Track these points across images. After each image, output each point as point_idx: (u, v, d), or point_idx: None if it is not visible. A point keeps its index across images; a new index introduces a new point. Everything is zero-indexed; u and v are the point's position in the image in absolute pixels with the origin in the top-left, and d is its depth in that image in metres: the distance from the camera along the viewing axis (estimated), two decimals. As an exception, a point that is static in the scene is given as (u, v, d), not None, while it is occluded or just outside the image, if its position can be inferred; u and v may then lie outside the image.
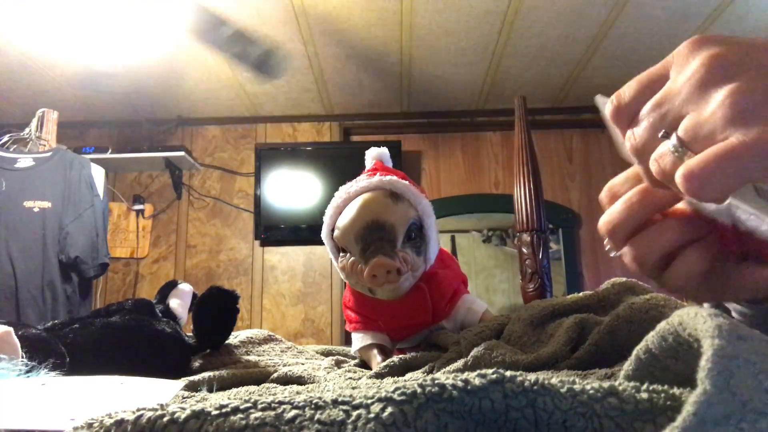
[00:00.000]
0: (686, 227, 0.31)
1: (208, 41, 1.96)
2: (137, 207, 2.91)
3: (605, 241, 0.34)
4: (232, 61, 2.11)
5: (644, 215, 0.32)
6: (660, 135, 0.28)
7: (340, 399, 0.24)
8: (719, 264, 0.31)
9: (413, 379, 0.24)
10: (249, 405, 0.24)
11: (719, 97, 0.25)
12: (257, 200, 2.82)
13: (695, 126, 0.26)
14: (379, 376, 0.59)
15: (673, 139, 0.27)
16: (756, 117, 0.24)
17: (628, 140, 0.29)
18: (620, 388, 0.23)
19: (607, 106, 0.31)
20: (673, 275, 0.31)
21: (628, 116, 0.30)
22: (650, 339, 0.25)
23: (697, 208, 0.31)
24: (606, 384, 0.23)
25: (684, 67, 0.27)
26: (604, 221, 0.33)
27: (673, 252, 0.31)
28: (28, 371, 0.55)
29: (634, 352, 0.26)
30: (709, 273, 0.31)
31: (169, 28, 2.15)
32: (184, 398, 0.52)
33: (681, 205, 0.32)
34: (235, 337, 0.91)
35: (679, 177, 0.25)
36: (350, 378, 0.60)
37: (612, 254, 0.34)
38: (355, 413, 0.23)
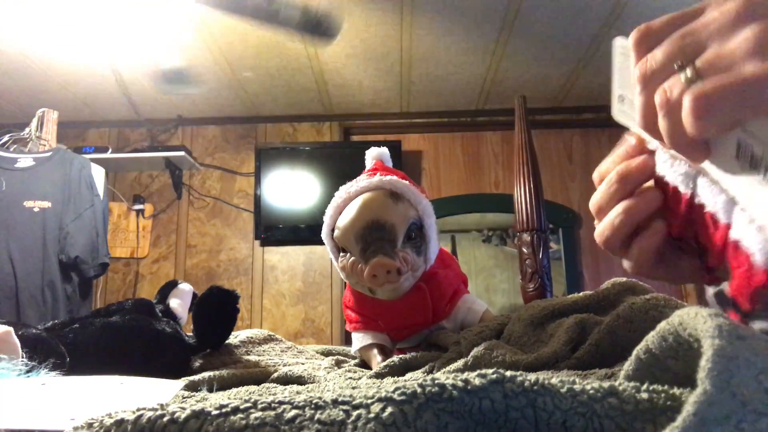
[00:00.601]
0: (648, 205, 0.32)
1: (235, 12, 1.78)
2: (137, 207, 2.91)
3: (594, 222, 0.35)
4: (277, 30, 1.88)
5: (621, 196, 0.33)
6: (676, 65, 0.27)
7: (340, 399, 0.24)
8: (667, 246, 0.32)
9: (413, 379, 0.24)
10: (249, 405, 0.24)
11: (746, 32, 0.25)
12: (257, 200, 2.82)
13: (715, 57, 0.26)
14: (379, 376, 0.59)
15: (689, 70, 0.26)
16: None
17: (641, 65, 0.29)
18: (620, 388, 0.23)
19: (632, 35, 0.30)
20: (631, 253, 0.33)
21: (650, 45, 0.29)
22: (650, 339, 0.25)
23: (664, 174, 0.32)
24: (606, 384, 0.23)
25: (720, 5, 0.27)
26: (591, 203, 0.35)
27: (637, 230, 0.32)
28: (28, 371, 0.55)
29: (634, 352, 0.26)
30: (662, 253, 0.32)
31: (169, 28, 2.15)
32: (184, 398, 0.52)
33: (648, 184, 0.33)
34: (235, 337, 0.91)
35: (688, 98, 0.25)
36: (350, 378, 0.60)
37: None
38: (355, 413, 0.23)
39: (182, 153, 2.77)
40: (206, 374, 0.65)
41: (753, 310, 0.29)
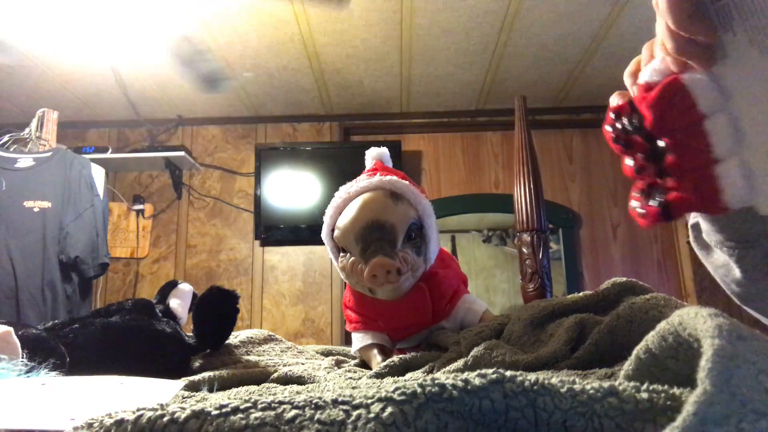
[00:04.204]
0: None
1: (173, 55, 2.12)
2: (137, 207, 2.91)
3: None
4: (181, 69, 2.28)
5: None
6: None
7: (340, 399, 0.24)
8: None
9: (413, 379, 0.24)
10: (249, 405, 0.24)
11: None
12: (257, 200, 2.82)
13: None
14: (379, 376, 0.59)
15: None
16: None
17: None
18: (620, 388, 0.23)
19: None
20: None
21: None
22: (650, 339, 0.25)
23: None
24: (606, 384, 0.23)
25: None
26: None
27: None
28: (28, 371, 0.55)
29: (634, 352, 0.26)
30: None
31: (169, 28, 2.15)
32: (184, 398, 0.52)
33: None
34: (235, 337, 0.91)
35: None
36: (350, 378, 0.60)
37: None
38: (355, 413, 0.23)
39: (182, 153, 2.77)
40: (206, 374, 0.65)
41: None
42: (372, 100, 2.86)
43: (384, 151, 0.83)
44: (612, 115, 0.35)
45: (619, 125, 0.34)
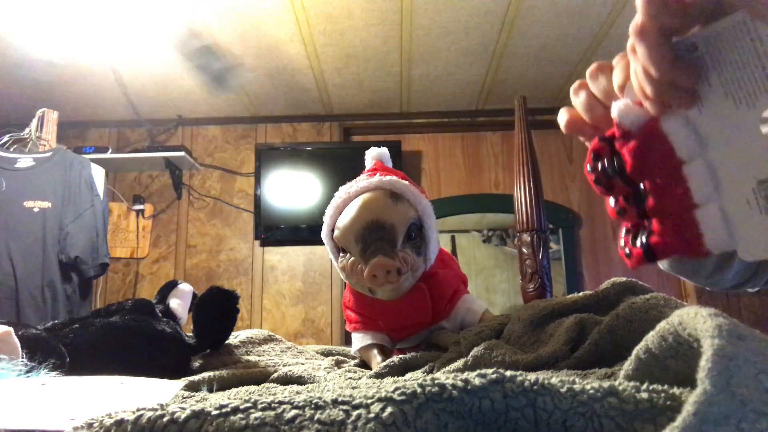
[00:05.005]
0: None
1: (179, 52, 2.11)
2: (137, 207, 2.91)
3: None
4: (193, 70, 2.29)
5: None
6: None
7: (340, 399, 0.24)
8: None
9: (413, 379, 0.24)
10: (249, 405, 0.24)
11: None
12: (257, 200, 2.81)
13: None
14: (379, 376, 0.59)
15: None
16: None
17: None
18: (620, 387, 0.23)
19: None
20: None
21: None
22: (650, 339, 0.25)
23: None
24: (606, 384, 0.23)
25: None
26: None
27: None
28: (28, 371, 0.55)
29: (634, 351, 0.26)
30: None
31: (169, 28, 2.15)
32: (184, 398, 0.52)
33: None
34: (235, 337, 0.91)
35: (630, 30, 0.30)
36: (350, 378, 0.60)
37: None
38: (355, 413, 0.23)
39: (182, 153, 2.77)
40: (206, 374, 0.65)
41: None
42: (372, 100, 2.86)
43: (384, 151, 0.83)
44: (592, 156, 0.35)
45: (599, 167, 0.35)
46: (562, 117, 0.40)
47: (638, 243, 0.34)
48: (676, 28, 0.31)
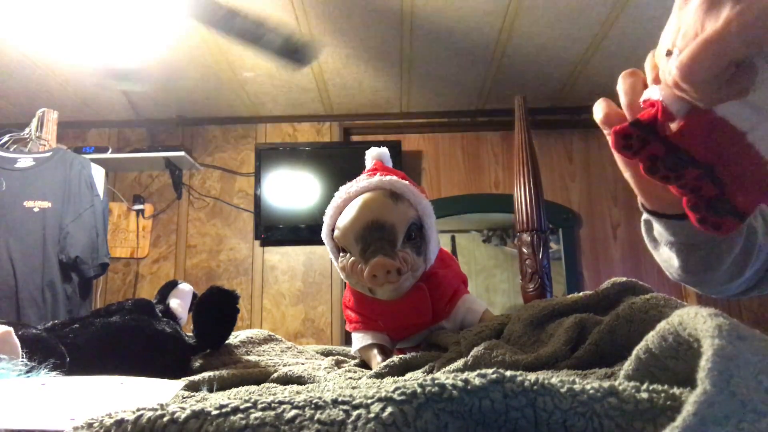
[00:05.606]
0: None
1: (223, 31, 1.94)
2: (137, 207, 2.91)
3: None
4: (257, 51, 2.09)
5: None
6: (665, 53, 0.33)
7: (340, 399, 0.24)
8: None
9: (413, 379, 0.24)
10: (249, 405, 0.24)
11: (694, 4, 0.31)
12: (257, 200, 2.82)
13: (684, 33, 0.32)
14: (379, 376, 0.59)
15: (675, 52, 0.32)
16: (721, 6, 0.29)
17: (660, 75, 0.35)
18: (620, 387, 0.23)
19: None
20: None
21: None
22: (650, 339, 0.25)
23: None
24: (606, 384, 0.23)
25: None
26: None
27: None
28: (28, 371, 0.55)
29: (634, 351, 0.26)
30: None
31: (169, 27, 2.15)
32: (184, 398, 0.52)
33: None
34: (235, 337, 0.91)
35: (674, 69, 0.31)
36: (350, 378, 0.60)
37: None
38: (355, 413, 0.23)
39: (182, 153, 2.77)
40: (206, 374, 0.65)
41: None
42: (372, 100, 2.86)
43: (384, 151, 0.83)
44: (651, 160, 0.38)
45: (660, 165, 0.37)
46: (599, 109, 0.41)
47: (722, 211, 0.36)
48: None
